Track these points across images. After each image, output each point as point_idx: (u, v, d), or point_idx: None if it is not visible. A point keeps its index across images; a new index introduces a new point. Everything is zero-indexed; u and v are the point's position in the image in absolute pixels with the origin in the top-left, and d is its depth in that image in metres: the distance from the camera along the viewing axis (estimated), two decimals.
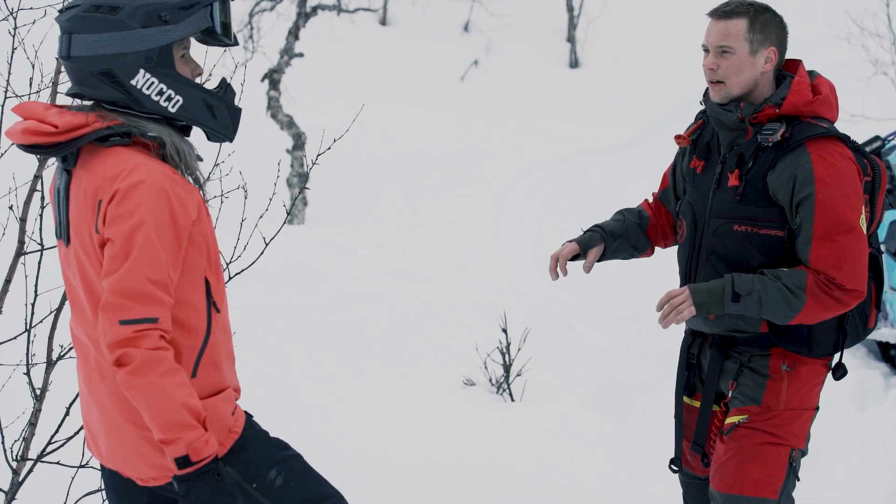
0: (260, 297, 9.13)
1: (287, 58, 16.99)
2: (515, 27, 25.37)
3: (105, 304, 3.15)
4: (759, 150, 4.03)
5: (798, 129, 3.99)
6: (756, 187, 4.03)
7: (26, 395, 4.77)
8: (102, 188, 3.21)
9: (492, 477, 6.19)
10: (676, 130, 20.62)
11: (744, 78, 4.04)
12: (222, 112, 3.43)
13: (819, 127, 3.98)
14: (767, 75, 4.09)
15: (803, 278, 3.92)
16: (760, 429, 4.12)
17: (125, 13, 3.24)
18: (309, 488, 3.62)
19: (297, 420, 6.24)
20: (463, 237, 14.29)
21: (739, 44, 4.02)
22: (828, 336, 4.12)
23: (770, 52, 4.06)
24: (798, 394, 4.13)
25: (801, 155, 3.95)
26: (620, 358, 9.05)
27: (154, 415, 3.18)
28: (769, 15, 4.07)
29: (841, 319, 4.11)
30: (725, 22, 4.05)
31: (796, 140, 3.96)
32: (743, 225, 4.06)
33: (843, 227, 3.90)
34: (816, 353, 4.12)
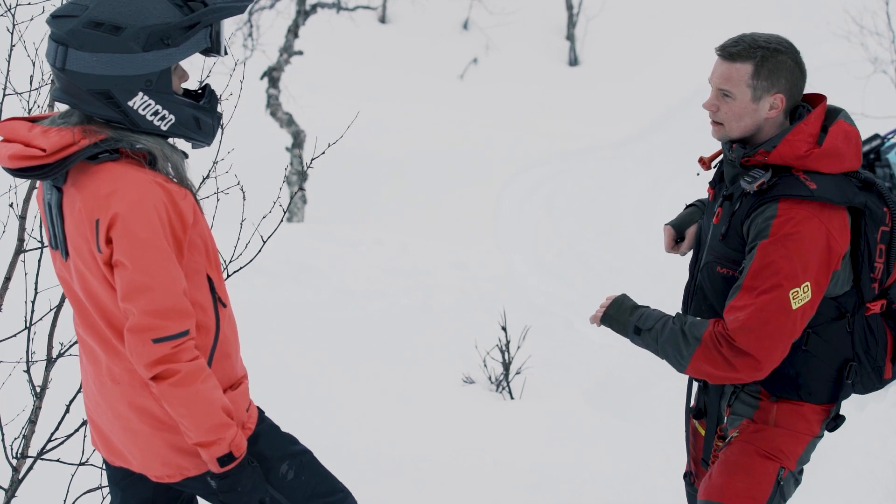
0: (259, 293, 9.14)
1: (286, 56, 16.98)
2: (515, 25, 25.38)
3: (136, 325, 3.18)
4: (743, 194, 3.84)
5: (783, 182, 3.74)
6: (737, 231, 3.84)
7: (26, 392, 4.78)
8: (98, 207, 3.19)
9: (491, 474, 6.19)
10: (676, 128, 20.71)
11: (744, 124, 3.82)
12: (206, 122, 3.41)
13: (803, 188, 3.70)
14: (773, 120, 3.82)
15: (703, 328, 3.78)
16: (750, 441, 3.98)
17: (128, 35, 3.18)
18: (318, 483, 3.67)
19: (296, 417, 6.23)
20: (462, 235, 14.29)
21: (741, 90, 3.77)
22: (821, 385, 3.92)
23: (776, 99, 3.77)
24: (789, 415, 3.95)
25: (769, 208, 3.72)
26: (620, 355, 9.05)
27: (197, 421, 3.26)
28: (781, 58, 3.76)
29: (841, 370, 3.90)
30: (729, 64, 3.79)
31: (773, 195, 3.73)
32: (725, 267, 3.89)
33: (769, 285, 3.67)
34: (807, 400, 3.93)
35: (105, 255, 3.20)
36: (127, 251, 3.16)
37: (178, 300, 3.23)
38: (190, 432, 3.27)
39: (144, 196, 3.19)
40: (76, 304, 3.44)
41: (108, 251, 3.19)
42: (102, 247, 3.19)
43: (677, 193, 15.34)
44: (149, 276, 3.18)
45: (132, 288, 3.18)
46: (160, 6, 3.22)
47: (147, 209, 3.18)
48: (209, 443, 3.27)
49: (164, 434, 3.38)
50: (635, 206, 15.68)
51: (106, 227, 3.17)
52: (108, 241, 3.19)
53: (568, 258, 13.44)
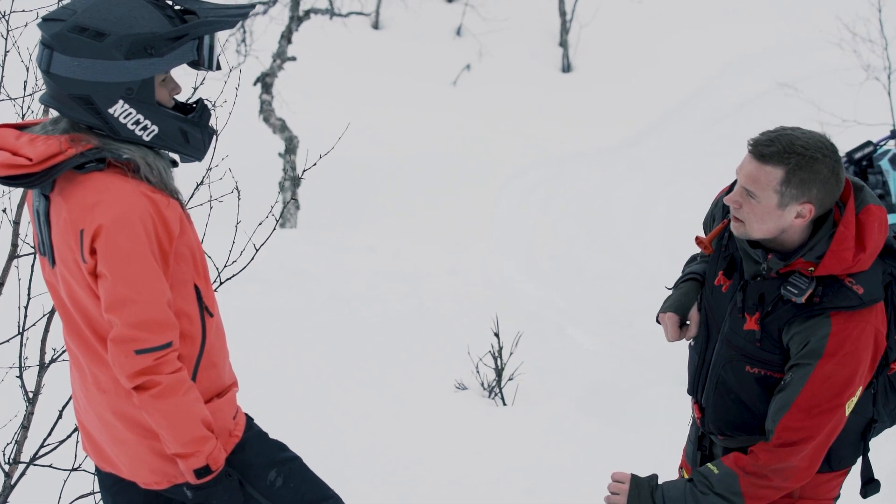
0: (252, 300, 9.13)
1: (280, 61, 16.99)
2: (508, 31, 25.37)
3: (118, 336, 3.19)
4: (780, 299, 3.61)
5: (829, 293, 3.53)
6: (771, 334, 3.64)
7: (19, 398, 4.77)
8: (83, 218, 3.19)
9: (484, 481, 6.20)
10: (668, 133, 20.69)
11: (766, 227, 3.55)
12: (195, 137, 3.39)
13: (853, 296, 3.50)
14: (798, 227, 3.57)
15: (736, 483, 3.63)
16: None
17: (111, 41, 3.17)
18: (308, 490, 3.67)
19: (289, 423, 6.23)
20: (456, 240, 14.30)
21: (767, 195, 3.48)
22: (849, 450, 3.84)
23: (804, 209, 3.51)
24: (813, 487, 3.85)
25: (821, 325, 3.52)
26: (612, 361, 9.06)
27: (176, 433, 3.27)
28: (817, 167, 3.46)
29: (864, 429, 3.82)
30: (760, 165, 3.49)
31: (822, 307, 3.52)
32: (756, 367, 3.70)
33: (830, 406, 3.54)
34: (837, 468, 3.84)
35: (90, 266, 3.20)
36: (111, 263, 3.16)
37: (161, 312, 3.23)
38: (168, 443, 3.28)
39: (129, 207, 3.19)
40: (63, 311, 3.44)
41: (93, 261, 3.19)
42: (87, 257, 3.19)
43: (671, 198, 15.38)
44: (132, 288, 3.18)
45: (115, 299, 3.18)
46: (149, 16, 3.21)
47: (132, 221, 3.18)
48: (187, 454, 3.28)
49: (150, 442, 3.39)
50: (629, 211, 15.70)
51: (90, 238, 3.17)
52: (92, 252, 3.19)
53: (561, 264, 13.46)
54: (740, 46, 22.64)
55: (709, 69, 22.05)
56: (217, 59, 3.37)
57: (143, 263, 3.19)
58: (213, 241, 4.78)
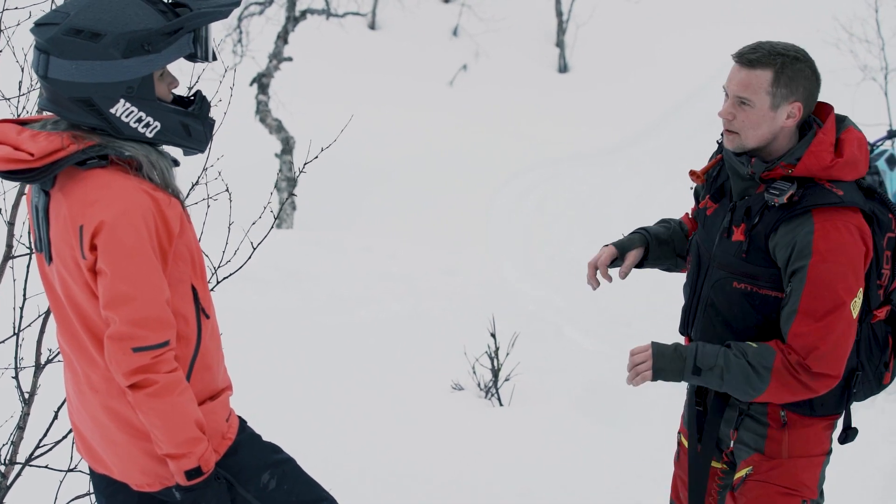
0: (248, 300, 9.13)
1: (276, 62, 16.99)
2: (504, 32, 25.40)
3: (116, 333, 3.18)
4: (765, 207, 3.74)
5: (810, 193, 3.67)
6: (758, 246, 3.76)
7: (14, 398, 4.77)
8: (83, 214, 3.18)
9: (480, 481, 6.19)
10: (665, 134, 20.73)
11: (761, 132, 3.73)
12: (197, 129, 3.39)
13: (832, 195, 3.65)
14: (788, 130, 3.76)
15: (771, 358, 3.70)
16: (769, 481, 3.93)
17: (107, 41, 3.15)
18: (302, 492, 3.66)
19: (285, 424, 6.23)
20: (452, 241, 14.29)
21: (760, 97, 3.68)
22: (831, 397, 3.87)
23: (794, 108, 3.71)
24: (801, 441, 3.92)
25: (804, 223, 3.65)
26: (609, 361, 9.04)
27: (170, 433, 3.25)
28: (800, 66, 3.71)
29: (848, 379, 3.86)
30: (749, 71, 3.70)
31: (804, 206, 3.66)
32: (743, 282, 3.81)
33: (832, 305, 3.62)
34: (819, 413, 3.88)
35: (89, 262, 3.19)
36: (111, 259, 3.15)
37: (161, 310, 3.22)
38: (161, 443, 3.27)
39: (131, 204, 3.18)
40: (57, 309, 3.43)
41: (93, 258, 3.18)
42: (86, 253, 3.18)
43: (668, 199, 15.37)
44: (132, 285, 3.17)
45: (115, 296, 3.17)
46: (142, 12, 3.20)
47: (134, 218, 3.17)
48: (179, 455, 3.27)
49: (142, 443, 3.37)
50: (626, 211, 15.69)
51: (90, 235, 3.16)
52: (92, 248, 3.17)
53: (558, 264, 13.45)
54: (737, 47, 22.62)
55: (706, 70, 22.04)
56: (212, 50, 3.37)
57: (144, 260, 3.18)
58: (210, 240, 4.77)
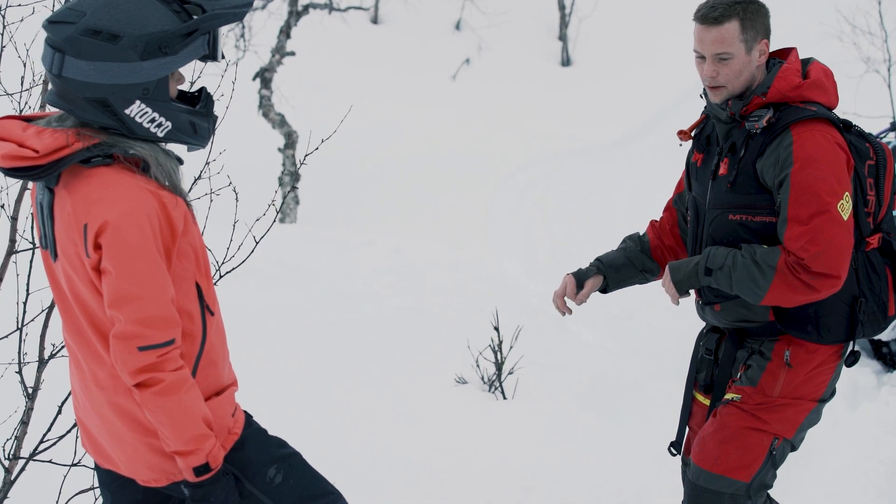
0: (252, 295, 9.13)
1: (279, 56, 16.98)
2: (507, 25, 25.39)
3: (122, 332, 3.17)
4: (748, 137, 4.00)
5: (785, 113, 3.94)
6: (748, 174, 3.99)
7: (18, 393, 4.77)
8: (87, 212, 3.17)
9: (483, 475, 6.19)
10: (668, 128, 20.70)
11: (743, 78, 4.00)
12: (202, 126, 3.38)
13: (806, 110, 3.93)
14: (762, 66, 4.04)
15: (776, 256, 3.88)
16: (748, 411, 4.12)
17: (125, 43, 3.13)
18: (307, 486, 3.66)
19: (289, 419, 6.23)
20: (455, 235, 14.29)
21: (736, 47, 3.95)
22: (837, 322, 4.05)
23: (762, 45, 4.01)
24: (796, 382, 4.09)
25: (784, 138, 3.90)
26: (612, 356, 9.05)
27: (177, 431, 3.25)
28: (754, 6, 3.99)
29: (852, 306, 4.04)
30: (718, 28, 3.95)
31: (782, 124, 3.91)
32: (738, 213, 4.03)
33: (817, 208, 3.82)
34: (827, 340, 4.06)
35: (93, 261, 3.18)
36: (116, 259, 3.14)
37: (166, 309, 3.22)
38: (169, 441, 3.26)
39: (136, 204, 3.17)
40: (62, 305, 3.43)
41: (97, 257, 3.18)
42: (91, 252, 3.17)
43: (669, 194, 15.30)
44: (137, 284, 3.16)
45: (120, 295, 3.16)
46: (158, 13, 3.18)
47: (138, 217, 3.16)
48: (187, 452, 3.27)
49: (148, 439, 3.37)
50: (627, 206, 15.69)
51: (94, 233, 3.15)
52: (96, 247, 3.17)
53: (560, 258, 13.44)
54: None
55: None
56: (221, 50, 3.37)
57: (148, 260, 3.18)
58: (213, 235, 4.77)
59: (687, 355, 4.59)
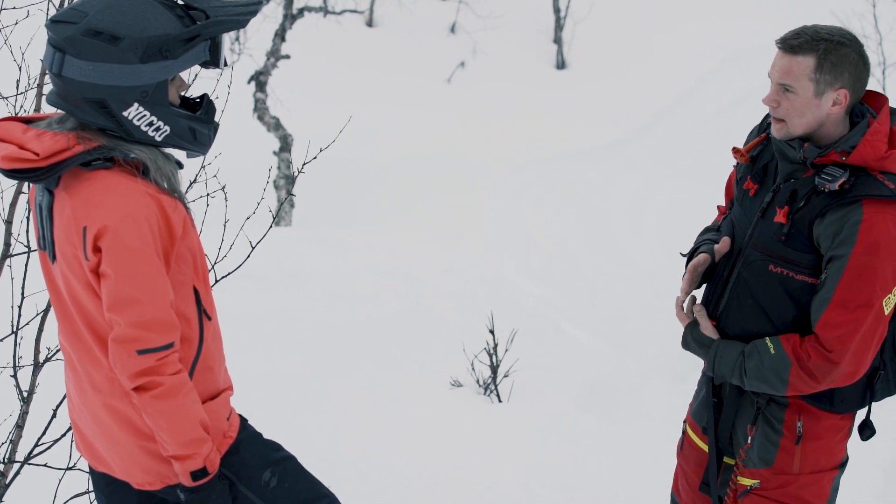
0: (248, 298, 9.13)
1: (273, 60, 16.98)
2: (502, 28, 25.41)
3: (121, 336, 3.17)
4: (813, 192, 3.66)
5: (861, 183, 3.59)
6: (801, 230, 3.69)
7: (13, 397, 4.77)
8: (87, 215, 3.17)
9: (479, 477, 6.19)
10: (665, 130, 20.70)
11: (806, 120, 3.66)
12: (202, 133, 3.39)
13: (885, 188, 3.57)
14: (836, 116, 3.68)
15: (786, 371, 3.69)
16: (775, 498, 3.92)
17: (126, 45, 3.13)
18: (302, 489, 3.66)
19: (285, 422, 6.23)
20: (451, 238, 14.30)
21: (803, 84, 3.61)
22: (854, 393, 3.83)
23: (840, 95, 3.63)
24: (814, 455, 3.88)
25: (853, 212, 3.57)
26: (608, 358, 9.06)
27: (175, 434, 3.26)
28: (845, 51, 3.62)
29: (870, 377, 3.82)
30: (791, 57, 3.62)
31: (854, 195, 3.56)
32: (779, 266, 3.74)
33: (866, 299, 3.57)
34: (839, 409, 3.84)
35: (92, 264, 3.18)
36: (116, 262, 3.15)
37: (165, 312, 3.22)
38: (167, 444, 3.27)
39: (136, 207, 3.17)
40: (60, 308, 3.43)
41: (96, 260, 3.18)
42: (90, 255, 3.17)
43: (666, 196, 15.37)
44: (136, 287, 3.16)
45: (119, 299, 3.16)
46: (161, 17, 3.19)
47: (138, 220, 3.16)
48: (185, 456, 3.28)
49: (144, 442, 3.37)
50: (624, 208, 15.69)
51: (94, 236, 3.15)
52: (95, 250, 3.17)
53: (557, 261, 13.46)
54: (735, 42, 22.68)
55: (704, 65, 22.09)
56: (223, 57, 3.37)
57: (148, 263, 3.18)
58: (208, 238, 4.77)
59: (683, 357, 4.56)
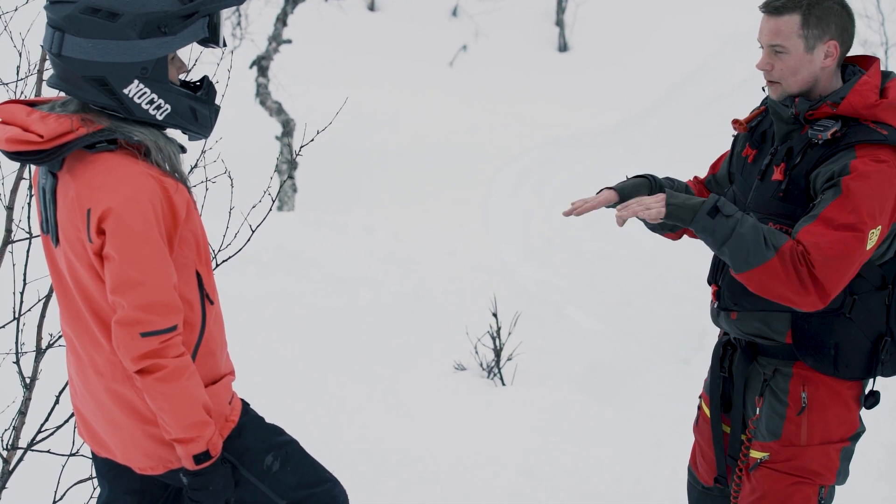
0: (250, 282, 9.13)
1: (275, 44, 16.94)
2: (503, 11, 25.35)
3: (124, 318, 3.18)
4: (808, 145, 3.75)
5: (853, 131, 3.67)
6: (799, 185, 3.75)
7: (16, 384, 4.77)
8: (91, 198, 3.18)
9: (482, 460, 6.20)
10: (667, 114, 20.64)
11: (801, 77, 3.75)
12: (203, 114, 3.40)
13: (876, 133, 3.64)
14: (829, 70, 3.77)
15: (782, 240, 3.61)
16: (784, 471, 3.93)
17: (125, 21, 3.15)
18: (305, 473, 3.67)
19: (288, 406, 6.24)
20: (453, 222, 14.27)
21: (793, 42, 3.70)
22: (858, 358, 3.84)
23: (830, 46, 3.72)
24: (821, 426, 3.91)
25: (846, 155, 3.64)
26: (610, 342, 9.05)
27: (178, 417, 3.26)
28: (827, 4, 3.70)
29: (876, 343, 3.82)
30: (776, 18, 3.71)
31: (848, 142, 3.65)
32: (779, 223, 3.78)
33: (852, 221, 3.57)
34: (843, 374, 3.85)
35: (96, 246, 3.19)
36: (120, 244, 3.15)
37: (169, 295, 3.22)
38: (170, 427, 3.27)
39: (139, 189, 3.18)
40: (62, 291, 3.43)
41: (100, 242, 3.18)
42: (94, 237, 3.18)
43: None
44: (140, 270, 3.17)
45: (122, 281, 3.17)
46: None
47: (142, 203, 3.17)
48: (188, 439, 3.28)
49: (146, 426, 3.38)
50: None
51: (98, 219, 3.16)
52: (99, 233, 3.18)
53: (558, 245, 13.43)
54: (737, 25, 22.57)
55: (706, 50, 22.03)
56: (223, 36, 3.37)
57: (152, 246, 3.19)
58: (210, 224, 4.77)
59: (686, 340, 4.56)
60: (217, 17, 3.33)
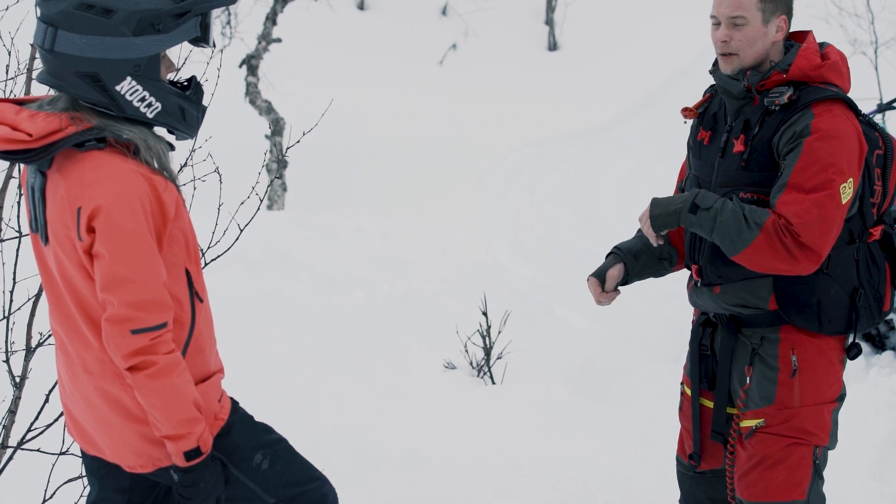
0: (240, 282, 9.12)
1: (265, 43, 16.93)
2: (493, 10, 25.35)
3: (115, 316, 3.18)
4: (765, 114, 3.94)
5: (806, 92, 3.91)
6: (762, 152, 3.94)
7: (5, 382, 4.77)
8: (81, 196, 3.18)
9: (472, 459, 6.20)
10: (656, 112, 20.64)
11: (756, 49, 3.96)
12: (191, 114, 3.41)
13: (828, 90, 3.90)
14: (778, 44, 4.02)
15: (764, 216, 3.79)
16: (780, 433, 4.04)
17: (119, 18, 3.16)
18: (294, 471, 3.67)
19: (278, 405, 6.23)
20: (443, 221, 14.28)
21: (752, 14, 3.92)
22: (838, 312, 3.99)
23: (781, 21, 3.97)
24: (812, 385, 4.02)
25: (805, 115, 3.85)
26: (601, 340, 9.06)
27: (169, 414, 3.27)
28: None
29: (852, 297, 3.99)
30: None
31: (803, 102, 3.88)
32: (749, 192, 3.95)
33: (820, 182, 3.77)
34: (827, 330, 3.99)
35: (85, 244, 3.19)
36: (109, 242, 3.15)
37: (159, 292, 3.23)
38: (160, 424, 3.27)
39: (129, 187, 3.19)
40: (51, 290, 3.43)
41: (89, 240, 3.19)
42: (83, 235, 3.18)
43: (657, 178, 15.34)
44: (130, 267, 3.18)
45: (112, 279, 3.17)
46: None
47: (131, 200, 3.18)
48: (178, 436, 3.28)
49: (135, 425, 3.38)
50: (616, 190, 15.68)
51: (88, 217, 3.16)
52: (89, 231, 3.18)
53: (549, 243, 13.45)
54: None
55: (695, 47, 22.01)
56: (213, 36, 3.38)
57: (142, 243, 3.19)
58: (199, 222, 4.76)
59: (676, 338, 4.59)
60: (209, 17, 3.34)
